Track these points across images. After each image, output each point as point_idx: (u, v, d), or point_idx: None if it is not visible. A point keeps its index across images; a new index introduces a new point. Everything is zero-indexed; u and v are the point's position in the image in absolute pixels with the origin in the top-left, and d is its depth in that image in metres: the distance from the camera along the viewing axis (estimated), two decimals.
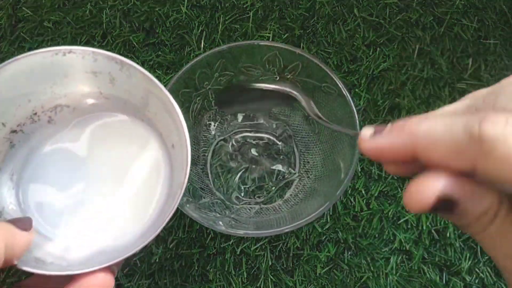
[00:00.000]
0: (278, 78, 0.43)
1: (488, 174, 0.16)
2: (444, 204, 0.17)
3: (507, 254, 0.18)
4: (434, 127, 0.18)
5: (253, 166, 0.43)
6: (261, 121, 0.45)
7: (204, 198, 0.42)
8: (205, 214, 0.38)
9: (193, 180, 0.43)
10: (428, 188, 0.17)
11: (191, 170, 0.44)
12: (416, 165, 0.19)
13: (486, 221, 0.17)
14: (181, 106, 0.41)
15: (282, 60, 0.41)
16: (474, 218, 0.17)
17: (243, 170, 0.44)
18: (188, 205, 0.36)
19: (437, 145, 0.18)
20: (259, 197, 0.42)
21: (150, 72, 0.50)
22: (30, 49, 0.53)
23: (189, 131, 0.44)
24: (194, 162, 0.44)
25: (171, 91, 0.39)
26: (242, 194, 0.42)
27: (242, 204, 0.42)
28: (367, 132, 0.21)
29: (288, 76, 0.42)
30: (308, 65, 0.39)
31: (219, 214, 0.40)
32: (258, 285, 0.42)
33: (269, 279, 0.42)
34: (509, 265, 0.18)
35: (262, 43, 0.40)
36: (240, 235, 0.35)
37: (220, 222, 0.37)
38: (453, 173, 0.17)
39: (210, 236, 0.43)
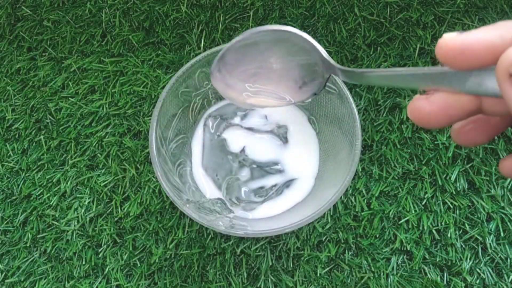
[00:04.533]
0: None
1: None
2: None
3: None
4: None
5: (254, 166, 0.43)
6: (262, 120, 0.45)
7: (204, 198, 0.42)
8: (205, 214, 0.37)
9: (193, 180, 0.43)
10: None
11: (190, 170, 0.43)
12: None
13: None
14: (181, 106, 0.41)
15: None
16: None
17: (243, 170, 0.43)
18: (188, 205, 0.35)
19: None
20: (260, 196, 0.42)
21: (149, 71, 0.50)
22: (29, 49, 0.53)
23: (189, 131, 0.44)
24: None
25: (171, 91, 0.39)
26: (242, 194, 0.42)
27: (242, 204, 0.42)
28: (450, 33, 0.19)
29: None
30: None
31: (219, 214, 0.40)
32: (258, 285, 0.41)
33: (270, 280, 0.41)
34: None
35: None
36: (240, 235, 0.35)
37: (220, 222, 0.37)
38: None
39: (210, 236, 0.43)
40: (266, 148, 0.44)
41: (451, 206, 0.43)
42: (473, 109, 0.20)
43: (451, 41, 0.18)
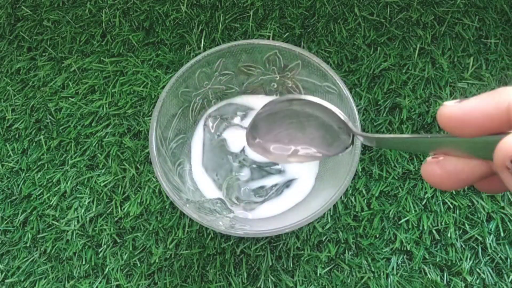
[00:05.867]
0: (278, 77, 0.43)
1: None
2: None
3: None
4: None
5: (254, 166, 0.43)
6: None
7: (204, 198, 0.42)
8: (204, 214, 0.37)
9: (192, 180, 0.43)
10: None
11: (189, 170, 0.43)
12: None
13: None
14: (180, 106, 0.41)
15: (282, 59, 0.41)
16: None
17: (243, 170, 0.43)
18: (188, 205, 0.35)
19: None
20: (260, 196, 0.42)
21: (149, 71, 0.50)
22: (29, 49, 0.53)
23: (189, 131, 0.44)
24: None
25: (171, 91, 0.39)
26: (242, 194, 0.42)
27: (242, 204, 0.42)
28: (450, 101, 0.19)
29: (289, 76, 0.42)
30: (308, 64, 0.39)
31: (219, 214, 0.40)
32: (258, 285, 0.41)
33: (269, 280, 0.41)
34: None
35: (262, 42, 0.40)
36: (240, 235, 0.35)
37: (220, 222, 0.37)
38: None
39: (210, 236, 0.43)
40: None
41: (451, 206, 0.43)
42: (485, 172, 0.20)
43: (450, 110, 0.19)
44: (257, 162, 0.43)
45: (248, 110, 0.45)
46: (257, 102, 0.45)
